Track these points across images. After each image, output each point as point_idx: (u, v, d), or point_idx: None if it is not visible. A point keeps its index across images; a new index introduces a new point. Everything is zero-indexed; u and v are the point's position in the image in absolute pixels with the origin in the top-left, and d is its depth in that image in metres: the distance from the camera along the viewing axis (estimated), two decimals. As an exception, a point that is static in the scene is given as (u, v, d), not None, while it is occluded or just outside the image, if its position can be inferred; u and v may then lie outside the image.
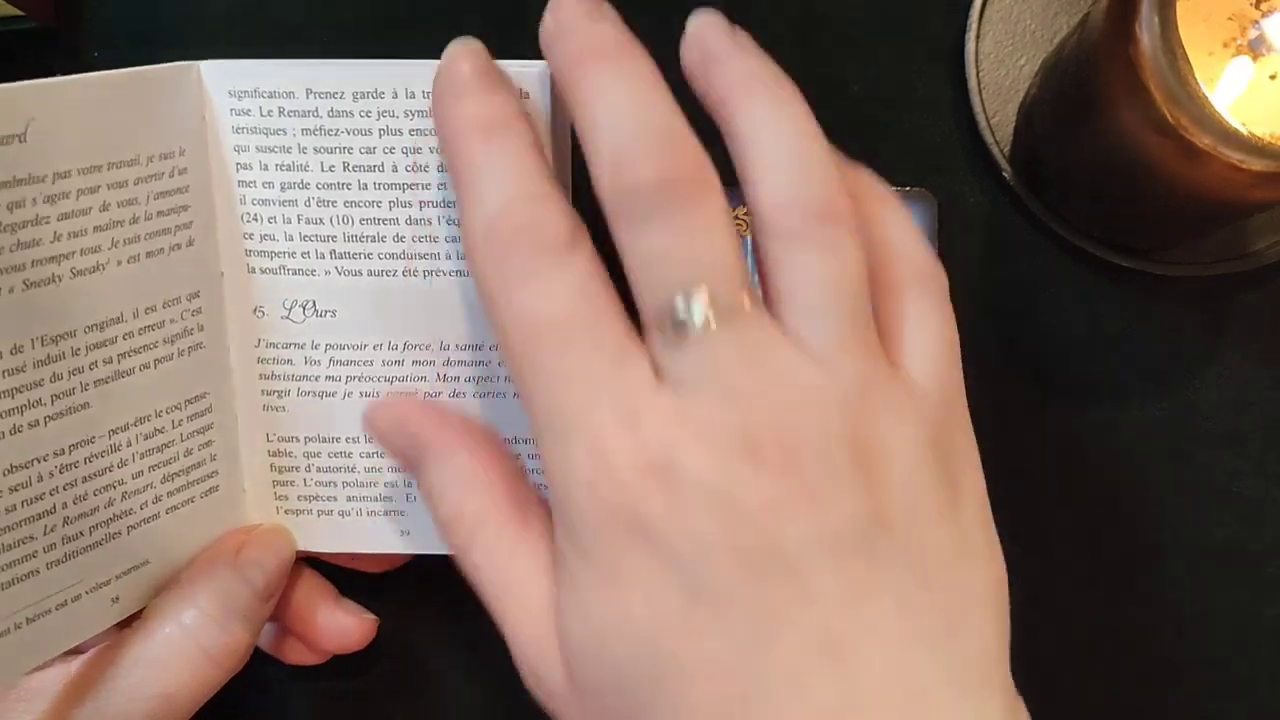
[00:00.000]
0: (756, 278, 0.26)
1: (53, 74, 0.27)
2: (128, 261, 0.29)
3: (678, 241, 0.24)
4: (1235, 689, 0.39)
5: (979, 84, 0.39)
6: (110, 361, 0.29)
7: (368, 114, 0.29)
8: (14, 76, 0.26)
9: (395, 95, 0.29)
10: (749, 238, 0.38)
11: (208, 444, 0.32)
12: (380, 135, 0.30)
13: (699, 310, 0.23)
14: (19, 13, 0.37)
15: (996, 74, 0.39)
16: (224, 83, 0.29)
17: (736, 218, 0.38)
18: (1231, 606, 0.39)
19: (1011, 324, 0.39)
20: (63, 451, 0.28)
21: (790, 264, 0.25)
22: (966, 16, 0.39)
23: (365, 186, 0.30)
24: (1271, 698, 0.39)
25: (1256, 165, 0.29)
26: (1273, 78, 0.30)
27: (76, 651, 0.30)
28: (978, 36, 0.39)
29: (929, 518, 0.25)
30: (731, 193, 0.39)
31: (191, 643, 0.29)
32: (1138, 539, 0.39)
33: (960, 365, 0.27)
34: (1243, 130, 0.28)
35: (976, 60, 0.39)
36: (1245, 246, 0.38)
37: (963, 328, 0.40)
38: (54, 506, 0.28)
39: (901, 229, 0.27)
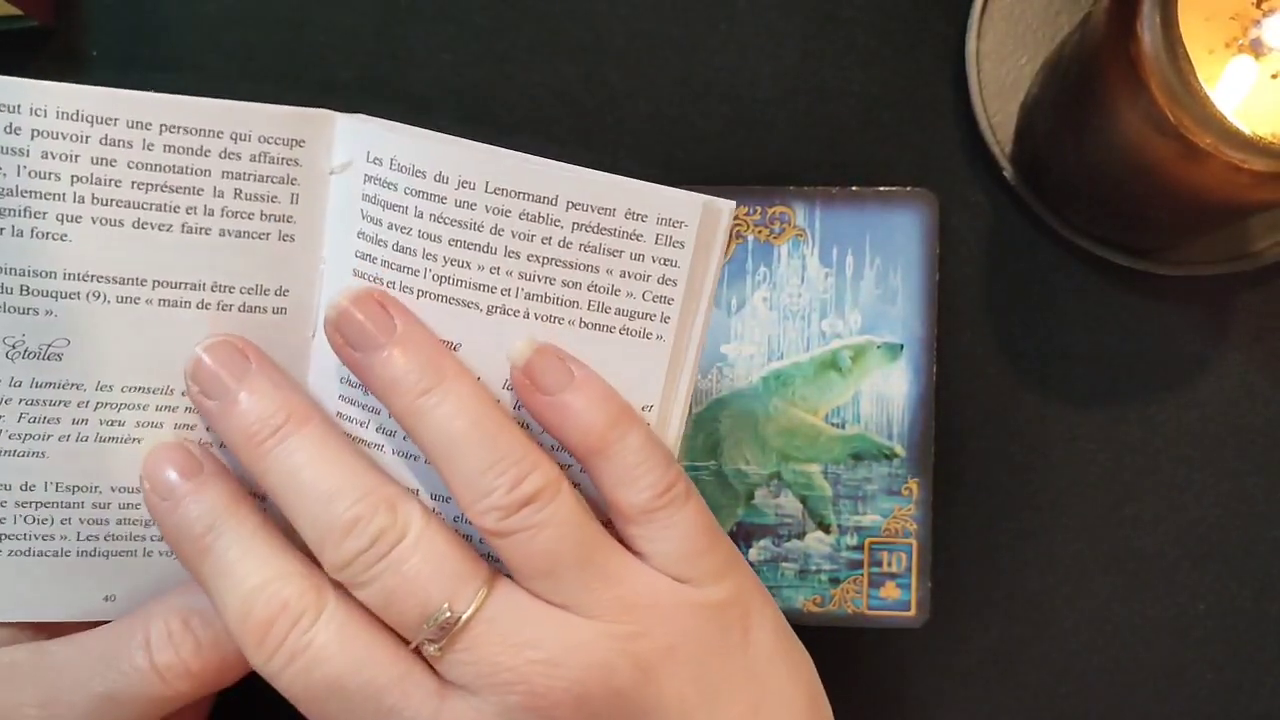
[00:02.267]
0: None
1: (49, 74, 0.27)
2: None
3: (403, 581, 0.27)
4: (1238, 689, 0.39)
5: (980, 83, 0.39)
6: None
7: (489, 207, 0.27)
8: (13, 75, 0.26)
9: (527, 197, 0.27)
10: (751, 237, 0.38)
11: None
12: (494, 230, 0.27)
13: (447, 618, 0.27)
14: (19, 12, 0.37)
15: (997, 73, 0.39)
16: (361, 146, 0.28)
17: (736, 218, 0.38)
18: (1234, 606, 0.39)
19: (1012, 323, 0.39)
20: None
21: (510, 549, 0.28)
22: (968, 16, 0.39)
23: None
24: (1275, 698, 0.39)
25: (1257, 165, 0.29)
26: (1274, 77, 0.30)
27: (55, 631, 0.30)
28: (979, 35, 0.39)
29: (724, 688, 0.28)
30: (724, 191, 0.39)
31: (142, 654, 0.29)
32: (1139, 538, 0.39)
33: (712, 535, 0.29)
34: (1244, 130, 0.28)
35: (977, 59, 0.39)
36: (1246, 246, 0.38)
37: (963, 326, 0.40)
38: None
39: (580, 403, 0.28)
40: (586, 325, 0.28)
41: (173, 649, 0.29)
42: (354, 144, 0.28)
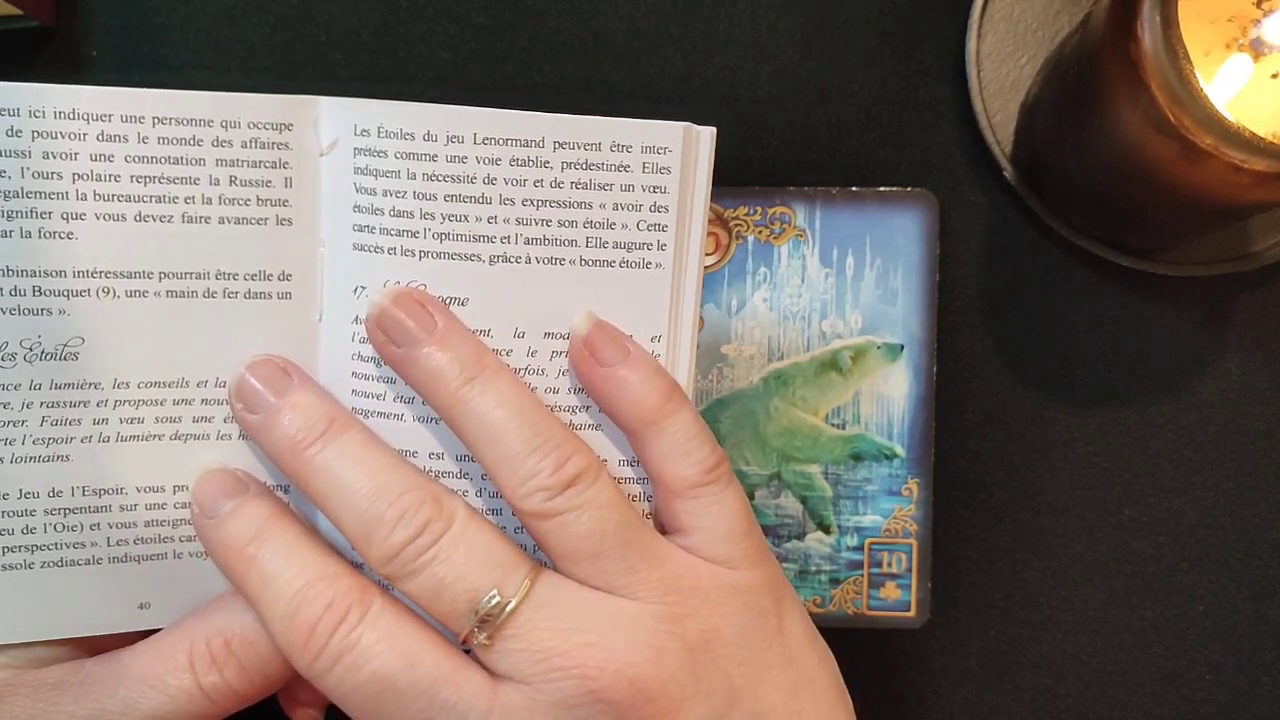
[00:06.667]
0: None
1: (49, 74, 0.27)
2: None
3: (451, 569, 0.27)
4: (1236, 690, 0.39)
5: (980, 84, 0.39)
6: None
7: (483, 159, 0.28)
8: (14, 76, 0.27)
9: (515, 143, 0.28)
10: (751, 237, 0.38)
11: None
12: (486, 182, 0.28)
13: (496, 603, 0.27)
14: (19, 12, 0.37)
15: (998, 74, 0.39)
16: (349, 129, 0.28)
17: (736, 218, 0.38)
18: (1232, 608, 0.39)
19: (1012, 324, 0.39)
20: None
21: (555, 531, 0.28)
22: (968, 16, 0.39)
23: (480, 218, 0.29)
24: (1273, 699, 0.39)
25: (1258, 165, 0.29)
26: (1274, 77, 0.30)
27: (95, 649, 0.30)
28: (979, 36, 0.39)
29: (765, 665, 0.29)
30: (723, 193, 0.39)
31: (188, 675, 0.29)
32: (1138, 539, 0.39)
33: (749, 521, 0.30)
34: (1244, 130, 0.28)
35: (978, 60, 0.39)
36: (1246, 247, 0.38)
37: (963, 327, 0.40)
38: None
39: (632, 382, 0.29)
40: (587, 262, 0.29)
41: (217, 671, 0.29)
42: (340, 121, 0.28)
